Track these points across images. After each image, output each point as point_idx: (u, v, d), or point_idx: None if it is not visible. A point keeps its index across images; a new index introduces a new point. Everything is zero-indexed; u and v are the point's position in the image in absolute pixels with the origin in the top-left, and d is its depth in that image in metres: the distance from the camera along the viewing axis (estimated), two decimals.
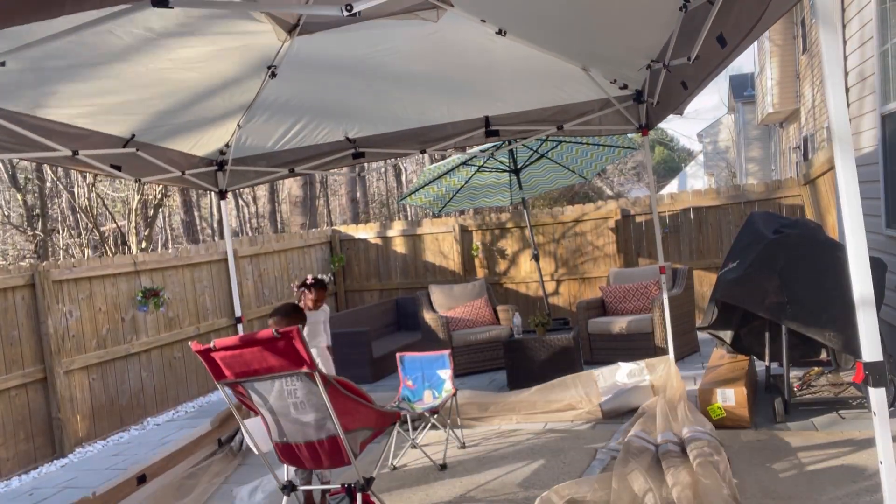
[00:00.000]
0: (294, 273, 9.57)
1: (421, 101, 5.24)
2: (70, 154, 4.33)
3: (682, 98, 4.42)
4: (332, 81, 4.81)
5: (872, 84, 5.66)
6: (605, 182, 33.09)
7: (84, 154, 4.46)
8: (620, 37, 4.09)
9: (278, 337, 2.97)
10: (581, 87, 5.10)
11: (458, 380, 7.13)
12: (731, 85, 28.77)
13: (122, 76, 3.90)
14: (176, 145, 5.22)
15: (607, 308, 7.40)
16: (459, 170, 8.20)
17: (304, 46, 4.29)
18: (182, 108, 4.63)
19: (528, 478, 4.23)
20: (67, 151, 4.30)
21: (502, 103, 5.33)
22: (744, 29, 2.76)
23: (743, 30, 2.77)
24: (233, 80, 4.51)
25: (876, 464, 3.81)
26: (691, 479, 3.68)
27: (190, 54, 3.86)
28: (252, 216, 24.41)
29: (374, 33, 4.19)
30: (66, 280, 6.29)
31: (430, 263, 9.88)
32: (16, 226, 14.59)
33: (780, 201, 8.30)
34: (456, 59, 4.62)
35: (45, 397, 6.00)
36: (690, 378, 6.05)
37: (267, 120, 5.27)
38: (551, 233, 9.26)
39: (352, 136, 5.59)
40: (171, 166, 5.30)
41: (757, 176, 25.66)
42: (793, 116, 17.97)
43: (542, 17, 3.90)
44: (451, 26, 4.11)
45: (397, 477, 4.53)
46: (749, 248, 4.86)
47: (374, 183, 29.18)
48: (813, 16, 12.93)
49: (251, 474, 4.92)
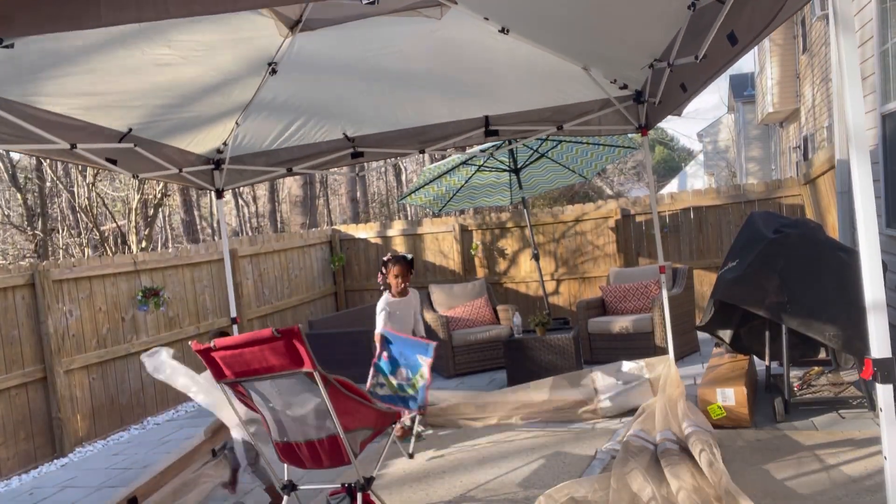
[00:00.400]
0: (294, 273, 9.58)
1: (420, 100, 5.23)
2: (68, 147, 4.31)
3: (680, 100, 4.42)
4: (333, 79, 4.80)
5: (872, 83, 5.66)
6: (605, 182, 33.09)
7: (82, 147, 4.44)
8: (624, 36, 4.09)
9: (279, 336, 2.97)
10: (581, 87, 5.10)
11: (458, 379, 7.13)
12: (731, 84, 28.77)
13: (121, 63, 3.84)
14: (173, 142, 5.20)
15: (607, 308, 7.40)
16: (459, 169, 8.20)
17: (305, 44, 4.28)
18: (180, 103, 4.61)
19: (528, 478, 4.23)
20: (66, 144, 4.28)
21: (502, 103, 5.32)
22: (757, 28, 2.75)
23: (756, 28, 2.76)
24: (233, 77, 4.50)
25: (876, 463, 3.82)
26: (691, 477, 3.68)
27: (189, 41, 3.82)
28: (252, 216, 24.41)
29: (376, 32, 4.19)
30: (66, 280, 6.29)
31: (430, 263, 9.88)
32: (16, 225, 14.59)
33: (780, 201, 8.30)
34: (456, 58, 4.61)
35: (46, 397, 6.00)
36: (690, 378, 6.05)
37: (266, 118, 5.26)
38: (551, 232, 9.26)
39: (350, 134, 5.59)
40: (168, 163, 5.29)
41: (757, 175, 25.66)
42: (793, 116, 17.97)
43: (546, 16, 3.90)
44: (452, 25, 4.10)
45: (397, 476, 4.53)
46: (749, 247, 4.86)
47: (374, 182, 29.18)
48: (824, 14, 12.96)
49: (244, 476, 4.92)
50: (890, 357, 2.15)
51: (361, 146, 5.65)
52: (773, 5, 2.52)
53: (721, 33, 3.20)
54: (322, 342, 7.29)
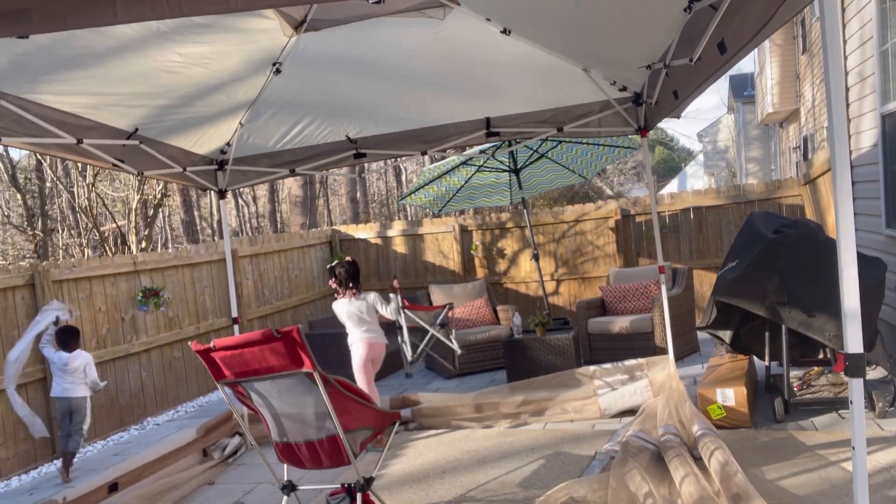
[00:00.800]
0: (294, 273, 9.58)
1: (423, 101, 5.24)
2: (74, 142, 4.31)
3: (673, 106, 4.44)
4: (336, 80, 4.81)
5: (872, 84, 5.66)
6: (605, 182, 33.09)
7: (88, 143, 4.44)
8: (623, 38, 4.10)
9: (278, 337, 2.97)
10: (581, 88, 5.10)
11: (457, 379, 7.13)
12: (731, 85, 28.77)
13: (130, 68, 3.89)
14: (177, 142, 5.21)
15: (607, 308, 7.40)
16: (459, 169, 8.20)
17: (309, 44, 4.29)
18: (185, 102, 4.62)
19: (528, 478, 4.24)
20: (72, 139, 4.28)
21: (503, 104, 5.33)
22: (746, 36, 2.77)
23: (745, 37, 2.78)
24: (237, 77, 4.51)
25: (876, 463, 3.82)
26: (693, 469, 3.68)
27: (200, 50, 3.86)
28: (252, 216, 24.41)
29: (379, 32, 4.19)
30: (66, 280, 6.29)
31: (430, 263, 9.88)
32: (16, 226, 14.60)
33: (780, 201, 8.30)
34: (458, 59, 4.62)
35: (45, 397, 5.99)
36: (690, 378, 6.05)
37: (269, 118, 5.26)
38: (551, 232, 9.26)
39: (353, 136, 5.59)
40: (173, 163, 5.30)
41: (757, 176, 25.65)
42: (793, 116, 17.97)
43: (548, 17, 3.91)
44: (455, 27, 4.11)
45: (397, 476, 4.53)
46: (749, 247, 4.86)
47: (374, 183, 29.19)
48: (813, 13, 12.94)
49: (244, 476, 4.92)
50: (861, 353, 2.29)
51: (363, 148, 5.66)
52: (763, 15, 2.54)
53: (712, 41, 3.23)
54: (322, 342, 7.28)
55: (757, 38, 2.72)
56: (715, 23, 3.10)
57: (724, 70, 3.31)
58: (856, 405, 2.32)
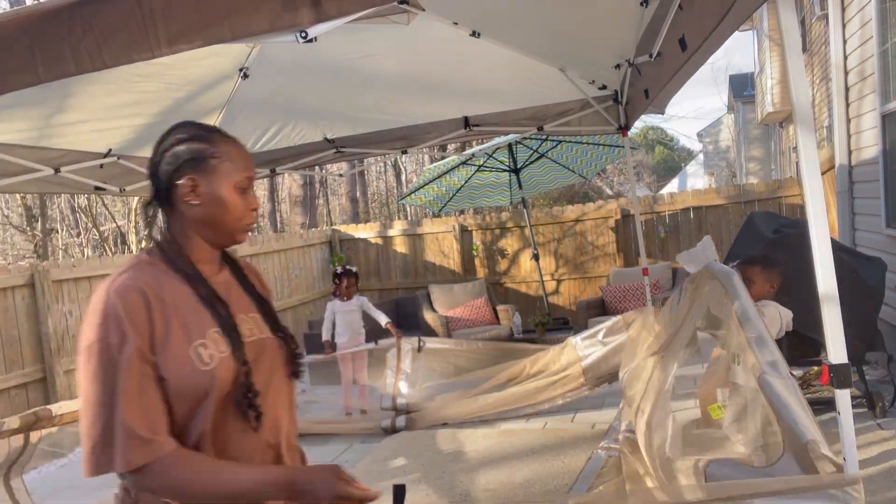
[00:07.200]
0: (294, 273, 9.57)
1: (399, 101, 5.16)
2: (52, 172, 4.30)
3: (644, 105, 4.42)
4: (307, 83, 4.70)
5: (872, 83, 5.66)
6: (605, 182, 33.07)
7: (66, 170, 4.44)
8: (593, 37, 4.05)
9: None
10: (560, 87, 4.94)
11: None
12: (731, 84, 28.78)
13: (95, 100, 3.83)
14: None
15: (607, 307, 7.40)
16: (459, 169, 8.21)
17: (275, 50, 4.17)
18: (156, 119, 4.51)
19: (528, 478, 4.23)
20: (49, 170, 4.28)
21: (482, 103, 5.23)
22: (706, 29, 2.69)
23: (705, 30, 2.71)
24: (206, 86, 4.40)
25: (876, 463, 3.82)
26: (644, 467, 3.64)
27: (161, 69, 3.79)
28: None
29: (347, 37, 4.08)
30: (66, 280, 6.29)
31: (431, 263, 9.88)
32: (15, 226, 14.59)
33: (780, 201, 8.30)
34: (433, 58, 4.48)
35: (45, 397, 5.99)
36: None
37: (243, 121, 5.13)
38: (551, 232, 9.26)
39: (330, 136, 5.54)
40: None
41: (757, 175, 25.65)
42: (793, 116, 17.96)
43: (517, 18, 3.78)
44: (425, 26, 4.02)
45: (396, 476, 4.53)
46: (749, 247, 4.86)
47: (374, 182, 29.18)
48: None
49: None
50: (846, 363, 2.14)
51: (342, 147, 5.64)
52: (718, 11, 2.49)
53: (672, 38, 3.19)
54: (322, 342, 7.26)
55: (716, 34, 2.64)
56: (670, 18, 3.06)
57: (691, 68, 3.26)
58: (843, 417, 2.22)
